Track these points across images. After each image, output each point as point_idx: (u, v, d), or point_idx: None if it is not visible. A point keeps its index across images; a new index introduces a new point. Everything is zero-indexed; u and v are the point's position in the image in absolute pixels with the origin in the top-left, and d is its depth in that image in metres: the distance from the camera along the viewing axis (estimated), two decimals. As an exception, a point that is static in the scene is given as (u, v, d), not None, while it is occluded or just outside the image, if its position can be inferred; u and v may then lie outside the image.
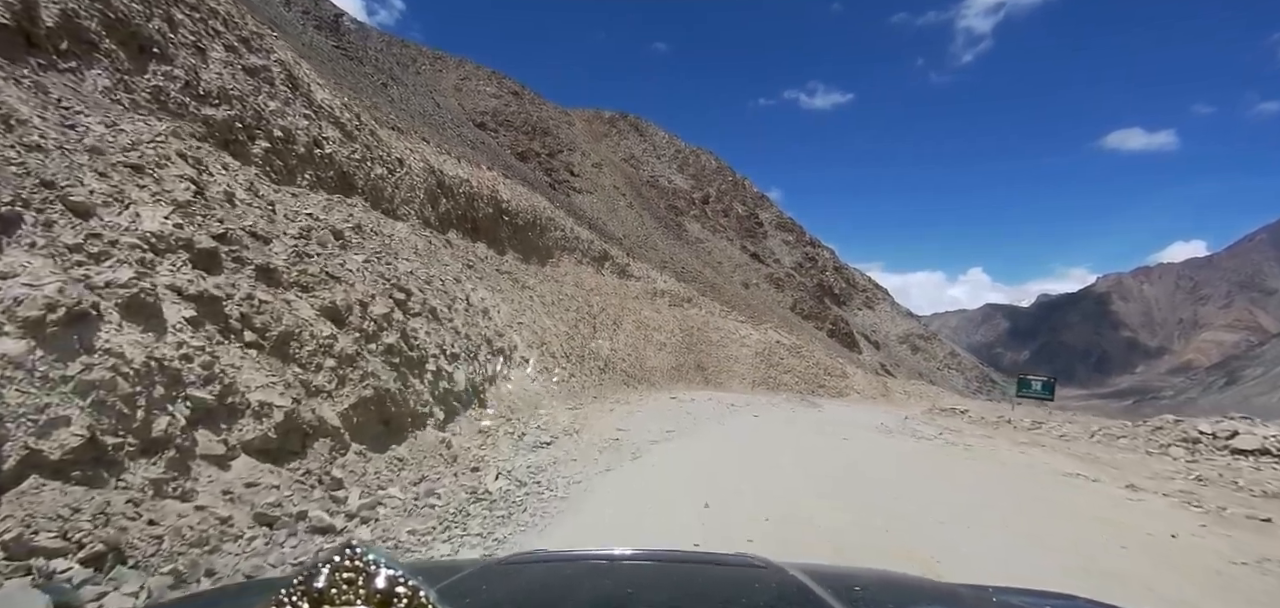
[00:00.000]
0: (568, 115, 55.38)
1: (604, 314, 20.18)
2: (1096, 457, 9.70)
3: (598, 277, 26.28)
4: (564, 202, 40.95)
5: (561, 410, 11.03)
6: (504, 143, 45.14)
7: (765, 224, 56.26)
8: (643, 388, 17.34)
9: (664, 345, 22.90)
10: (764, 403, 16.65)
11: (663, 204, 49.25)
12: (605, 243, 28.29)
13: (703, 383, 25.30)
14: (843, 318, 50.01)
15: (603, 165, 49.41)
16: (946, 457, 9.49)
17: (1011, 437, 12.08)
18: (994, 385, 61.95)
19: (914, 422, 14.95)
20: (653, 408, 12.88)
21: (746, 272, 47.13)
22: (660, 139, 57.27)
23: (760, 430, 11.21)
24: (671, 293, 29.66)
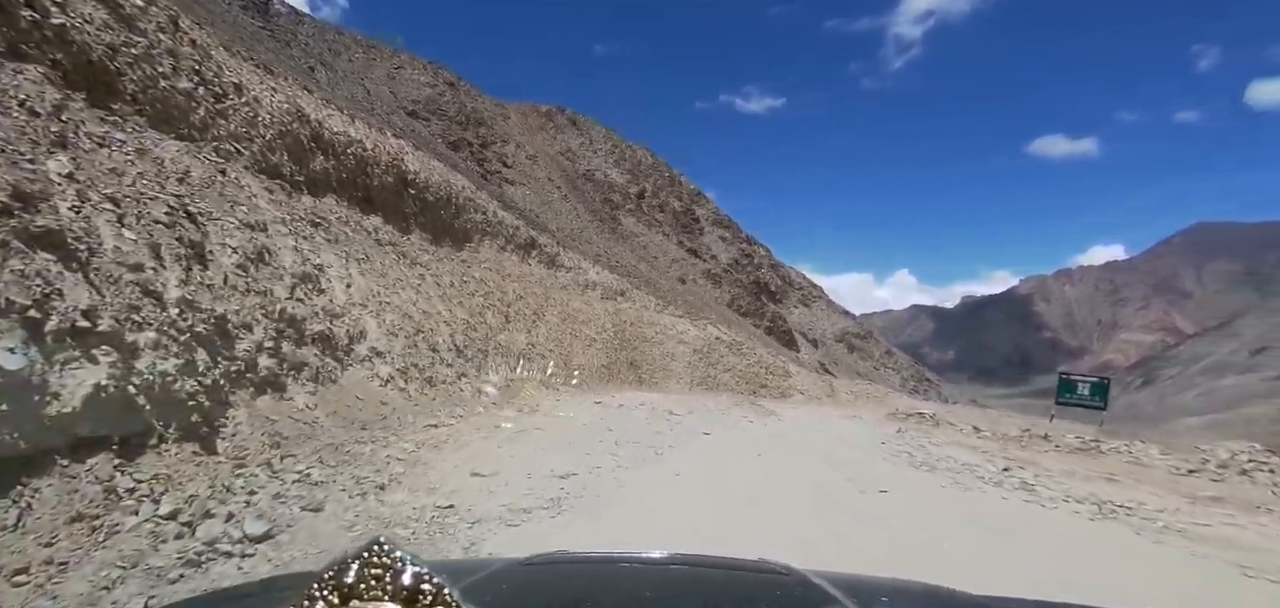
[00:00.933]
0: (503, 108, 53.64)
1: (522, 303, 18.72)
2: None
3: (523, 265, 24.94)
4: (495, 192, 39.40)
5: (410, 430, 7.89)
6: (435, 132, 43.15)
7: (702, 220, 55.97)
8: (562, 390, 15.98)
9: (593, 341, 21.79)
10: (710, 410, 13.86)
11: (598, 198, 48.17)
12: (533, 230, 26.99)
13: (636, 383, 24.31)
14: (780, 315, 50.14)
15: (537, 158, 47.96)
16: (1070, 524, 6.12)
17: (1082, 466, 9.41)
18: (929, 384, 63.62)
19: (911, 437, 12.02)
20: (562, 424, 9.71)
21: (683, 267, 46.58)
22: (597, 134, 56.20)
23: (719, 470, 7.66)
24: (604, 285, 28.59)
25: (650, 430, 9.83)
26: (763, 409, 15.41)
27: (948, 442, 11.47)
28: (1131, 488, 7.87)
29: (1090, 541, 5.58)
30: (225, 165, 8.81)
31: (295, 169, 11.48)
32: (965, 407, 41.04)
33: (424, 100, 45.21)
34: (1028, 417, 45.71)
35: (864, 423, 15.05)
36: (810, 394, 31.71)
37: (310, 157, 12.25)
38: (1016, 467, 8.93)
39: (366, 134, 16.20)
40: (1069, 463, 9.73)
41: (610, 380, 21.39)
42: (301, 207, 10.63)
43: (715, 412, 13.24)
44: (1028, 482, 7.86)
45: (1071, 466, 9.44)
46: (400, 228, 16.65)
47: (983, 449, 10.70)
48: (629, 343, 25.11)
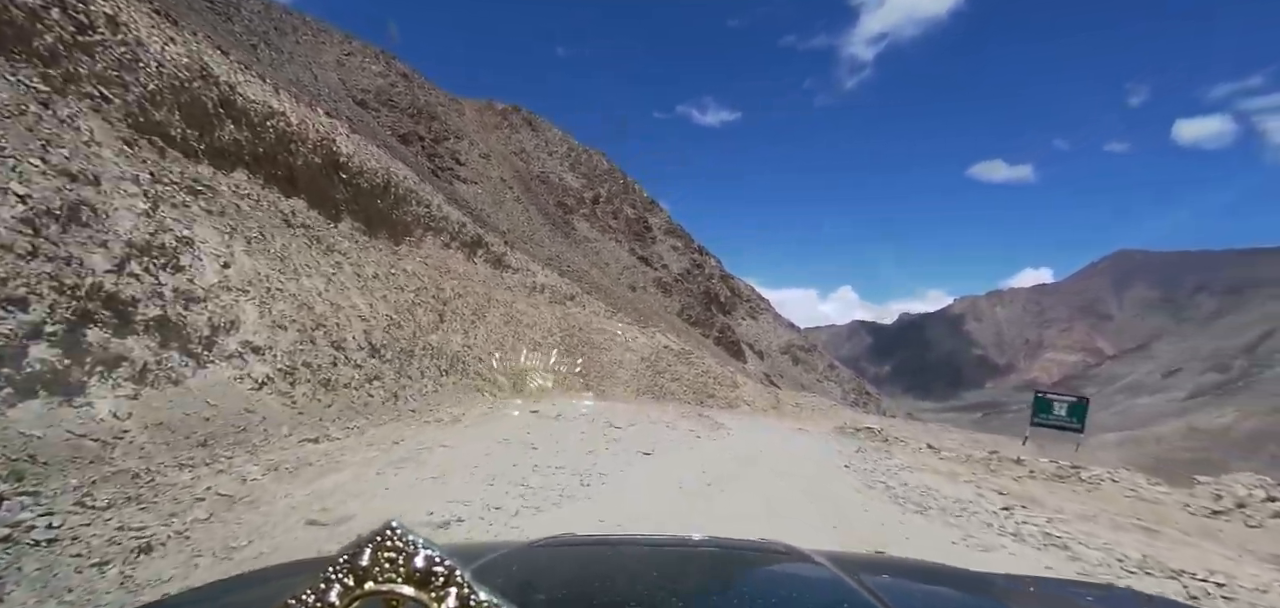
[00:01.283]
0: (459, 104, 52.59)
1: (461, 302, 18.15)
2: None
3: (468, 264, 24.40)
4: (446, 188, 38.53)
5: (275, 446, 6.60)
6: (385, 123, 41.92)
7: (655, 229, 56.05)
8: (500, 396, 15.45)
9: (539, 345, 21.47)
10: (655, 422, 12.98)
11: (552, 200, 47.69)
12: (480, 228, 26.44)
13: (583, 388, 24.09)
14: (729, 326, 50.64)
15: (491, 157, 47.17)
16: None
17: (1091, 504, 8.35)
18: (869, 397, 65.32)
19: (872, 457, 11.48)
20: (476, 439, 8.38)
21: (634, 274, 46.53)
22: (553, 136, 55.67)
23: (659, 512, 6.09)
24: (553, 288, 28.26)
25: (582, 450, 8.54)
26: (712, 422, 15.28)
27: (915, 466, 10.92)
28: (1181, 544, 6.68)
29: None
30: (50, 98, 7.43)
31: (192, 133, 10.55)
32: (905, 421, 42.24)
33: (375, 90, 43.94)
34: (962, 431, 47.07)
35: (819, 440, 14.61)
36: (757, 406, 32.09)
37: (216, 123, 11.36)
38: (1018, 506, 7.80)
39: (292, 108, 15.38)
40: (1072, 500, 8.68)
41: (556, 386, 21.11)
42: (177, 171, 9.38)
43: (661, 424, 12.90)
44: (1049, 532, 6.51)
45: (1078, 504, 8.28)
46: (328, 214, 15.97)
47: (963, 478, 9.87)
48: (576, 349, 24.85)
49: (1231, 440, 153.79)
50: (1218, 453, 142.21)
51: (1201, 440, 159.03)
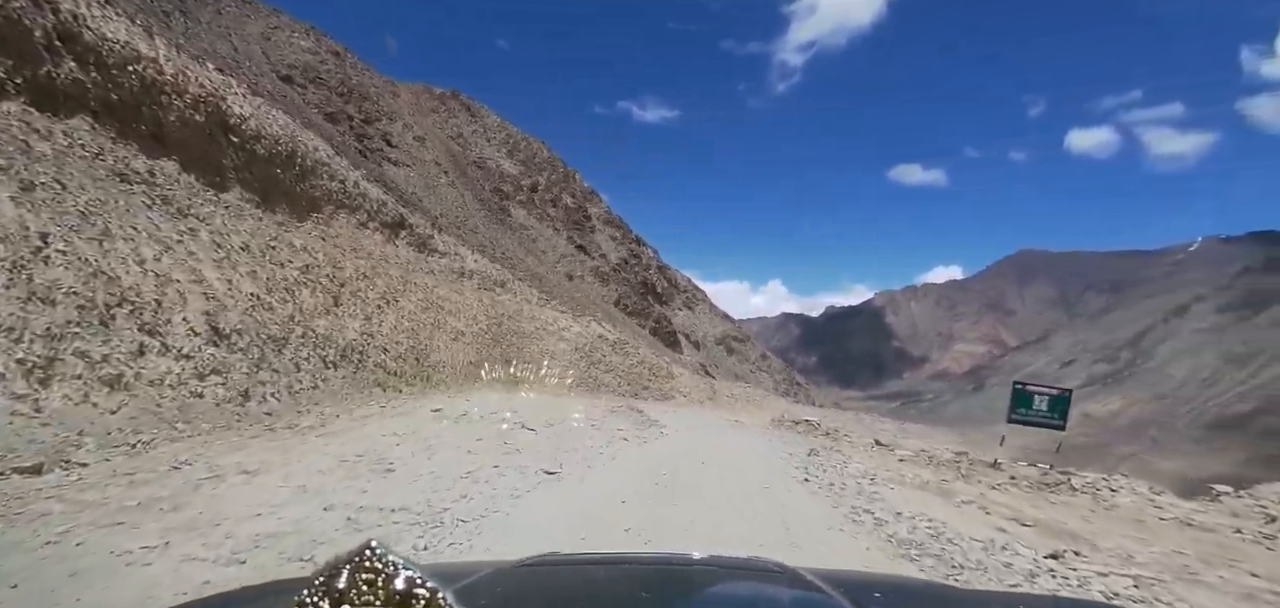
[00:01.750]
0: (394, 86, 49.29)
1: (366, 284, 16.04)
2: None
3: (388, 246, 22.19)
4: (374, 170, 35.77)
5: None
6: (312, 100, 38.61)
7: (593, 218, 54.32)
8: (406, 392, 13.45)
9: (462, 334, 19.59)
10: (579, 423, 11.05)
11: (488, 187, 45.29)
12: (404, 209, 24.24)
13: (510, 380, 22.35)
14: (666, 317, 49.58)
15: (426, 141, 44.36)
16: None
17: (1114, 527, 7.12)
18: (799, 387, 65.72)
19: (828, 461, 9.95)
20: (305, 468, 6.07)
21: (572, 263, 44.79)
22: (491, 122, 53.07)
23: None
24: (482, 275, 26.32)
25: (459, 472, 6.40)
26: (644, 419, 13.89)
27: (885, 475, 9.29)
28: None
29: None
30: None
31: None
32: (837, 412, 42.25)
33: (302, 66, 40.48)
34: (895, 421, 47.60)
35: (766, 442, 13.11)
36: (693, 397, 31.03)
37: (47, 57, 9.23)
38: (1066, 550, 5.79)
39: (167, 55, 13.04)
40: (1122, 533, 7.02)
41: (477, 380, 19.29)
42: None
43: (586, 425, 11.38)
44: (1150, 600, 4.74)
45: (1140, 545, 6.47)
46: (208, 179, 13.74)
47: (961, 497, 8.14)
48: (505, 338, 23.07)
49: (1119, 426, 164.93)
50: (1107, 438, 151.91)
51: (1094, 426, 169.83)
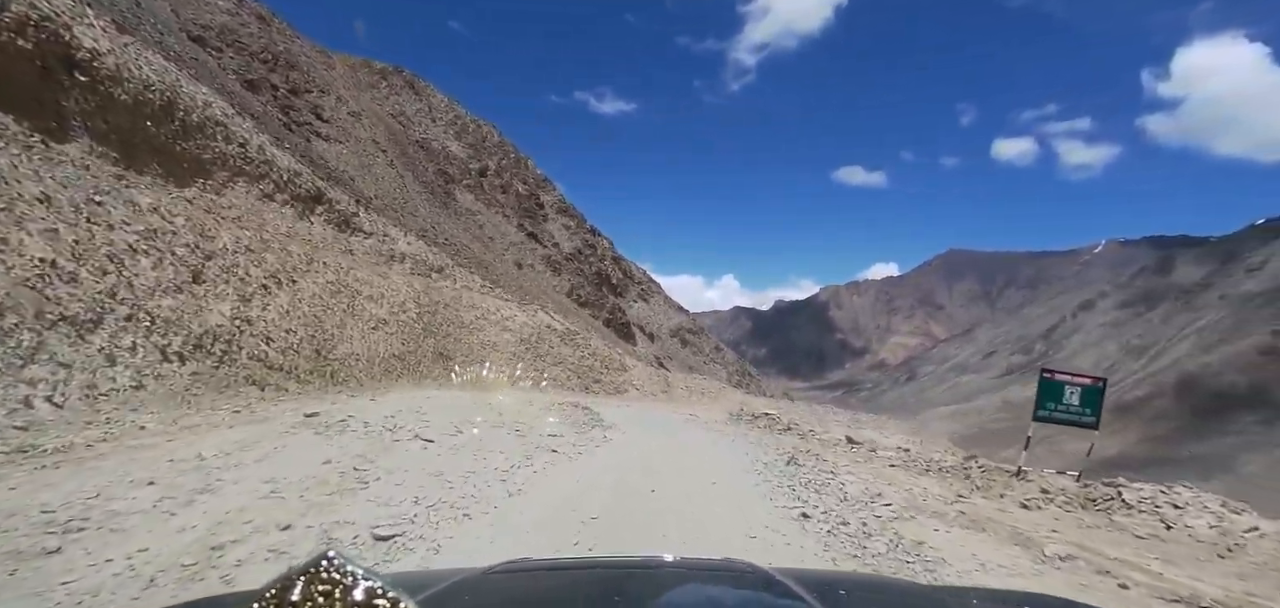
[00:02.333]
0: (329, 58, 44.41)
1: (249, 259, 12.26)
2: None
3: (301, 222, 18.34)
4: (299, 145, 31.39)
5: None
6: (228, 65, 33.75)
7: (546, 206, 50.63)
8: (291, 390, 10.06)
9: (384, 323, 16.05)
10: (502, 428, 8.52)
11: (432, 168, 41.14)
12: (324, 183, 20.41)
13: (442, 374, 18.88)
14: (620, 308, 46.52)
15: (362, 117, 39.89)
16: None
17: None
18: (751, 378, 63.85)
19: (815, 471, 7.85)
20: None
21: (522, 251, 41.19)
22: (438, 102, 48.67)
23: None
24: (417, 258, 22.67)
25: (223, 535, 3.72)
26: (590, 417, 10.85)
27: (893, 497, 6.80)
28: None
29: None
30: None
31: None
32: (789, 402, 40.16)
33: (218, 28, 35.44)
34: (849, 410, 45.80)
35: (731, 447, 10.27)
36: (646, 390, 28.10)
37: None
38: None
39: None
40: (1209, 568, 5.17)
41: (403, 374, 15.79)
42: None
43: (507, 433, 8.20)
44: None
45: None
46: (37, 123, 9.96)
47: (999, 522, 6.11)
48: (439, 328, 19.57)
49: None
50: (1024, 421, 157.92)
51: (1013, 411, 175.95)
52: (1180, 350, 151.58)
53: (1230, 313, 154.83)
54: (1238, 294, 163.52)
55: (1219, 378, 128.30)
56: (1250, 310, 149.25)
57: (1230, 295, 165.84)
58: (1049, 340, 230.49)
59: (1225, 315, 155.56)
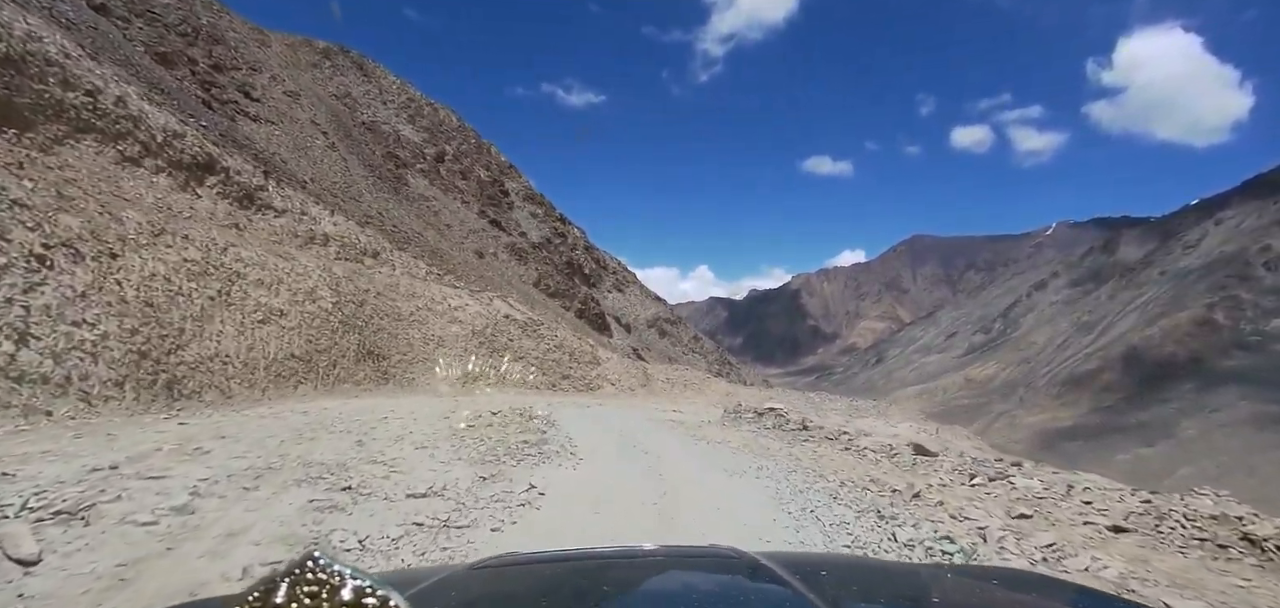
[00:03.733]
0: (264, 35, 39.48)
1: (52, 225, 8.28)
2: None
3: (181, 193, 14.11)
4: (221, 124, 26.80)
5: None
6: (136, 36, 28.86)
7: (512, 194, 46.34)
8: (96, 405, 6.14)
9: (279, 315, 11.97)
10: (378, 462, 5.32)
11: (380, 151, 36.62)
12: (218, 150, 16.14)
13: (378, 379, 14.85)
14: (594, 298, 42.60)
15: (301, 98, 35.21)
16: None
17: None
18: (731, 367, 60.71)
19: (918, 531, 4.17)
20: None
21: (483, 239, 37.01)
22: (390, 84, 43.98)
23: None
24: (344, 241, 18.54)
25: None
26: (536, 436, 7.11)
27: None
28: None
29: None
30: None
31: None
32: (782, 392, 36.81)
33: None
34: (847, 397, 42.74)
35: (734, 457, 6.92)
36: (623, 385, 24.34)
37: None
38: None
39: None
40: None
41: (306, 381, 11.72)
42: None
43: (358, 489, 4.46)
44: None
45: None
46: None
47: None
48: (367, 320, 15.51)
49: (994, 387, 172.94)
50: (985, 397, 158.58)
51: (974, 389, 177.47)
52: (1125, 325, 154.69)
53: (1170, 288, 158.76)
54: (1176, 270, 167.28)
55: (1160, 349, 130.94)
56: (1187, 285, 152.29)
57: (1169, 271, 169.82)
58: (1007, 320, 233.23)
59: (1165, 290, 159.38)
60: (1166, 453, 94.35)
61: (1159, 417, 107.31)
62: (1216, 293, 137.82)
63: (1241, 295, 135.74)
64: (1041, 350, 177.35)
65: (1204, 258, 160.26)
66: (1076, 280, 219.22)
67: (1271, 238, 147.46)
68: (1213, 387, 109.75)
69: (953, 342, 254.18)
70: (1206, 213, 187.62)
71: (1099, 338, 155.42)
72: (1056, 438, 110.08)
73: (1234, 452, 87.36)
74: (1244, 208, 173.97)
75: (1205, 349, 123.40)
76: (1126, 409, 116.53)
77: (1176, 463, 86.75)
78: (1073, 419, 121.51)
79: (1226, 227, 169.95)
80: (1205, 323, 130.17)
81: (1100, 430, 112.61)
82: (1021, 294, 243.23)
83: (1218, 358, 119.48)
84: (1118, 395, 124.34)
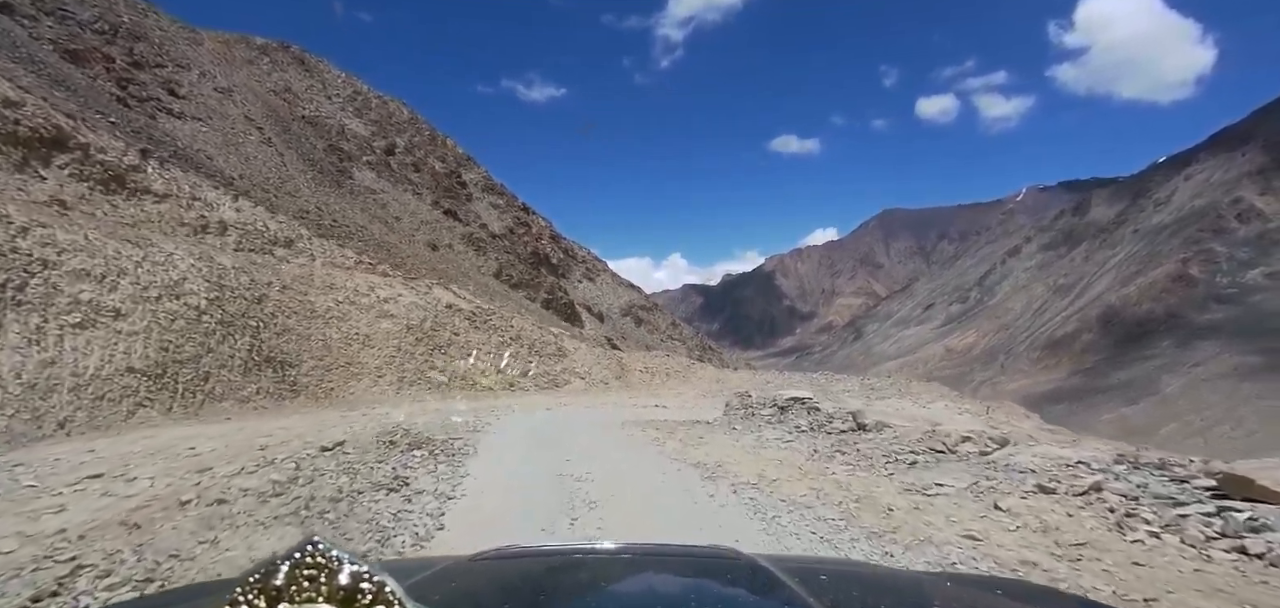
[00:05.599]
0: (195, 33, 36.15)
1: None
2: None
3: (14, 177, 11.49)
4: (139, 122, 23.79)
5: None
6: (44, 35, 25.63)
7: (470, 185, 43.37)
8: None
9: (118, 317, 9.36)
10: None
11: (321, 145, 33.58)
12: (70, 121, 13.32)
13: (274, 397, 12.26)
14: (562, 288, 40.03)
15: (234, 93, 32.07)
16: None
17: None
18: (711, 351, 58.56)
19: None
20: None
21: (437, 230, 34.19)
22: (334, 78, 40.80)
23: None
24: (249, 229, 15.82)
25: None
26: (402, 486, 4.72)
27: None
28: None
29: None
30: None
31: None
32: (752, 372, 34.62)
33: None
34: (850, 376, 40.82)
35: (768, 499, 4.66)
36: (594, 378, 21.80)
37: None
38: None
39: None
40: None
41: (151, 402, 9.16)
42: None
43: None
44: None
45: None
46: None
47: None
48: (267, 320, 12.84)
49: (975, 356, 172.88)
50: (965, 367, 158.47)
51: (955, 359, 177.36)
52: (1101, 285, 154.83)
53: (1144, 246, 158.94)
54: (1149, 227, 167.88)
55: (1138, 307, 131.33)
56: (1161, 242, 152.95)
57: (1142, 229, 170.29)
58: (983, 288, 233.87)
59: (1140, 248, 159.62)
60: (1149, 411, 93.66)
61: (1140, 375, 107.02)
62: (1191, 248, 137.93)
63: (1216, 248, 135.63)
64: (1019, 316, 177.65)
65: (1176, 213, 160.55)
66: (1050, 244, 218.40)
67: (1242, 189, 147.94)
68: (1192, 341, 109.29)
69: (930, 313, 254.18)
70: (1176, 169, 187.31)
71: (1076, 300, 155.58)
72: (1041, 402, 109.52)
73: (1218, 405, 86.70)
74: (1213, 162, 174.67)
75: (1182, 304, 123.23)
76: (1108, 369, 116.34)
77: (1161, 420, 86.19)
78: (1055, 383, 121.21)
79: (1196, 181, 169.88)
80: (1181, 278, 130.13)
81: (1083, 392, 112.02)
82: (996, 262, 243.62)
83: (1195, 313, 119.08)
84: (1098, 356, 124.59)
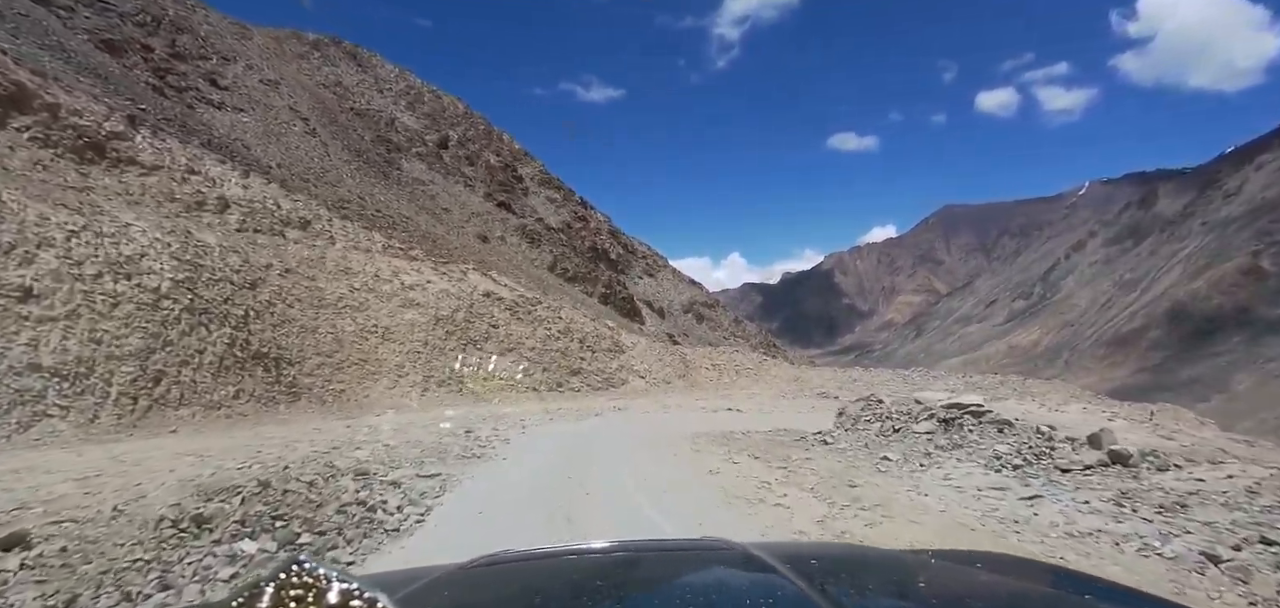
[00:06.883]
0: (245, 29, 34.80)
1: None
2: None
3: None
4: (176, 112, 21.80)
5: None
6: (80, 25, 24.19)
7: (526, 179, 40.62)
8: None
9: (27, 298, 6.44)
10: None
11: (370, 136, 31.43)
12: (34, 80, 10.77)
13: (264, 402, 9.09)
14: (621, 283, 36.54)
15: (282, 86, 30.23)
16: None
17: None
18: (776, 349, 53.75)
19: None
20: None
21: (490, 222, 31.38)
22: (387, 73, 38.91)
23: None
24: (256, 208, 12.96)
25: None
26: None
27: None
28: None
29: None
30: None
31: None
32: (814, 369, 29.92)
33: (74, -12, 25.90)
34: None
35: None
36: (655, 377, 18.08)
37: None
38: None
39: None
40: None
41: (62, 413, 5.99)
42: None
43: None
44: None
45: None
46: None
47: None
48: (261, 310, 9.63)
49: (1039, 353, 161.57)
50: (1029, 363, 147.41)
51: (1019, 356, 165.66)
52: (1169, 280, 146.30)
53: (1213, 238, 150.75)
54: (1218, 220, 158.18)
55: (1207, 302, 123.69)
56: (1230, 234, 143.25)
57: (1211, 221, 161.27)
58: (1046, 284, 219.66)
59: (1208, 241, 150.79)
60: (1221, 408, 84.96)
61: (1210, 371, 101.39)
62: (1262, 240, 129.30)
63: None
64: (1084, 312, 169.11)
65: (1246, 205, 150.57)
66: (1114, 238, 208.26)
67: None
68: (1264, 336, 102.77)
69: (992, 310, 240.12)
70: (1245, 159, 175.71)
71: (1142, 295, 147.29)
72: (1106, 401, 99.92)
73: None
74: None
75: (1253, 298, 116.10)
76: (1176, 366, 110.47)
77: (1234, 418, 76.24)
78: (1121, 380, 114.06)
79: (1267, 171, 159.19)
80: (1251, 272, 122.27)
81: (1149, 390, 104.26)
82: (1059, 257, 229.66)
83: (1267, 307, 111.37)
84: (1165, 353, 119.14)
